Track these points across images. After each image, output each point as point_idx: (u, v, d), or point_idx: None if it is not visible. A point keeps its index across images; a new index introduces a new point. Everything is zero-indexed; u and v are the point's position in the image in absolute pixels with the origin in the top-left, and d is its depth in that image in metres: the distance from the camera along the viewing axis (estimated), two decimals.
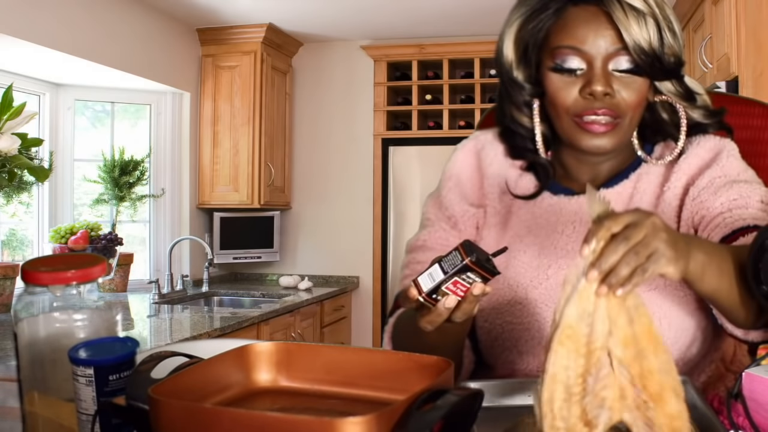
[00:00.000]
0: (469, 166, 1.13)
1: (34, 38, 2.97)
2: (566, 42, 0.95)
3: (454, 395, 0.60)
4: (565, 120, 0.98)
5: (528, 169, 1.09)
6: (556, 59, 0.96)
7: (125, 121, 4.15)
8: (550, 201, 1.06)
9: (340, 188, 4.58)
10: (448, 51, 4.33)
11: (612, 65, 0.94)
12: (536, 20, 0.98)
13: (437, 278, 0.77)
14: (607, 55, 0.93)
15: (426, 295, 0.77)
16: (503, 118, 1.08)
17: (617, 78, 0.94)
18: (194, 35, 4.23)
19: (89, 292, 0.79)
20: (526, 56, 1.01)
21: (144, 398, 0.62)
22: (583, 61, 0.94)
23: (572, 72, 0.95)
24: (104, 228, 3.50)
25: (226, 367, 0.72)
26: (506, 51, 1.03)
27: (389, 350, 0.94)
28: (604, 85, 0.93)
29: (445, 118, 4.33)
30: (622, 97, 0.95)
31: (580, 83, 0.95)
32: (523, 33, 1.01)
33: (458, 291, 0.77)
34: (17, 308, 0.78)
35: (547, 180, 1.07)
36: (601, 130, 0.95)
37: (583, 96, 0.95)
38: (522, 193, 1.08)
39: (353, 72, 4.55)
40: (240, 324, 2.99)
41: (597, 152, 0.99)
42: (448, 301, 0.78)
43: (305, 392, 0.74)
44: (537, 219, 1.06)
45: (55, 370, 0.76)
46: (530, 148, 1.06)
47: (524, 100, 1.03)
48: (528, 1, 1.00)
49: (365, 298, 4.53)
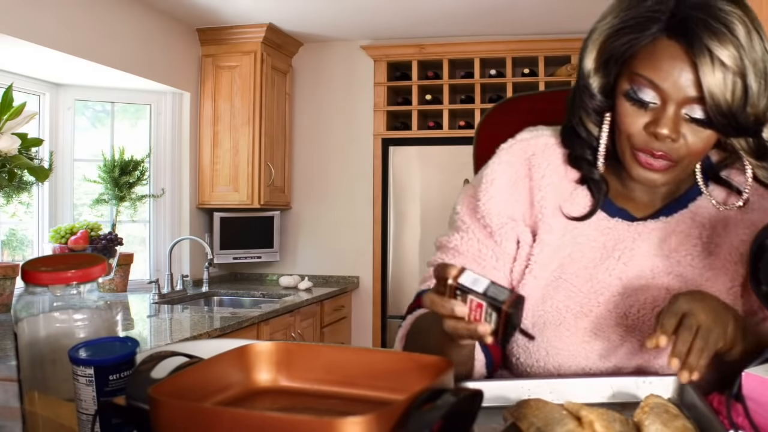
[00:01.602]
0: (515, 173, 1.04)
1: (34, 38, 2.97)
2: (647, 73, 0.90)
3: (453, 395, 0.60)
4: (624, 145, 0.95)
5: (581, 182, 1.04)
6: (633, 85, 0.91)
7: (125, 121, 4.15)
8: (608, 224, 1.03)
9: (340, 188, 4.58)
10: (448, 51, 4.33)
11: (685, 110, 0.89)
12: (627, 38, 0.92)
13: (475, 287, 0.74)
14: (683, 100, 0.88)
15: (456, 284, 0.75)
16: (571, 117, 1.02)
17: (687, 123, 0.90)
18: (194, 35, 4.23)
19: (89, 292, 0.79)
20: (606, 67, 0.96)
21: (144, 398, 0.62)
22: (658, 96, 0.90)
23: (644, 104, 0.91)
24: (104, 228, 3.50)
25: (226, 367, 0.72)
26: (588, 56, 0.97)
27: (389, 350, 0.94)
28: (671, 130, 0.89)
29: (445, 118, 4.32)
30: (687, 142, 0.90)
31: (648, 118, 0.91)
32: (610, 45, 0.94)
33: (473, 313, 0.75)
34: (17, 308, 0.78)
35: (602, 198, 1.02)
36: (654, 167, 0.92)
37: (647, 131, 0.91)
38: (576, 212, 1.03)
39: (353, 72, 4.55)
40: (240, 324, 2.99)
41: (647, 185, 0.96)
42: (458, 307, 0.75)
43: (305, 392, 0.74)
44: (591, 242, 1.02)
45: (55, 370, 0.76)
46: (588, 158, 1.01)
47: (593, 108, 0.98)
48: (623, 14, 0.93)
49: (365, 298, 4.53)
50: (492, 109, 1.35)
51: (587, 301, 1.01)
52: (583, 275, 1.01)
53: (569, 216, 1.02)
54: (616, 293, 1.00)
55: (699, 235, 1.01)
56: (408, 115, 4.46)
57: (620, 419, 0.73)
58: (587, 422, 0.71)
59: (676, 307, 0.85)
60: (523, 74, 4.31)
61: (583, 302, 1.01)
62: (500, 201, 1.03)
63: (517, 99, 1.38)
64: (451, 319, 0.76)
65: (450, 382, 0.65)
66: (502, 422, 0.79)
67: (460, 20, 4.06)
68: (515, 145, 1.06)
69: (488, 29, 4.23)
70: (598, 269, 1.01)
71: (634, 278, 1.01)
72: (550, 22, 4.08)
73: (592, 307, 1.01)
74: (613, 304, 1.00)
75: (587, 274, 1.01)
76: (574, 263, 1.02)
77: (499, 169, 1.04)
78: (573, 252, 1.02)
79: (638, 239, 1.01)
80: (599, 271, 1.01)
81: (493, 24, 4.14)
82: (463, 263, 1.04)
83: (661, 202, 1.03)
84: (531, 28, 4.18)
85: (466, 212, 1.07)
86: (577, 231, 1.03)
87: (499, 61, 4.31)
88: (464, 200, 1.08)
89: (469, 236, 1.06)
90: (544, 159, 1.04)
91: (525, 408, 0.76)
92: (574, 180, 1.04)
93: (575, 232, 1.03)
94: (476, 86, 4.30)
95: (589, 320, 1.01)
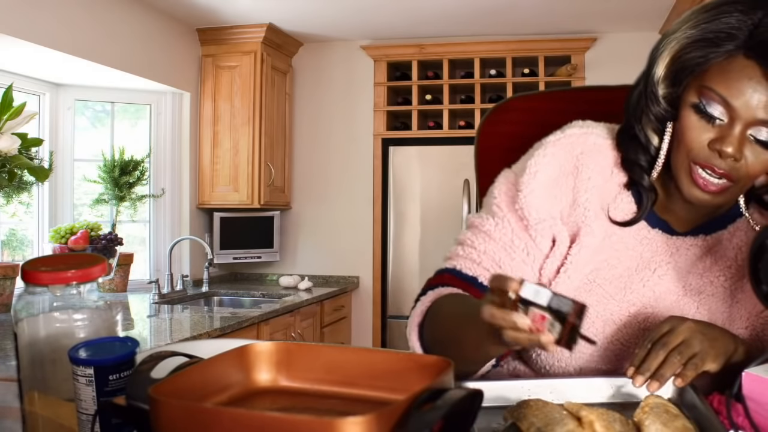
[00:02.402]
0: (560, 168, 1.02)
1: (34, 38, 2.97)
2: (719, 88, 0.88)
3: (453, 395, 0.60)
4: (682, 158, 0.93)
5: (627, 188, 1.02)
6: (702, 98, 0.90)
7: (125, 121, 4.15)
8: (647, 234, 1.01)
9: (340, 188, 4.58)
10: (448, 51, 4.33)
11: (751, 131, 0.88)
12: (703, 51, 0.90)
13: (537, 300, 0.72)
14: (752, 120, 0.87)
15: (517, 297, 0.72)
16: (633, 121, 1.00)
17: (751, 144, 0.88)
18: (194, 35, 4.23)
19: (89, 292, 0.79)
20: (675, 77, 0.94)
21: (144, 398, 0.62)
22: (726, 113, 0.88)
23: (711, 119, 0.89)
24: (104, 228, 3.50)
25: (226, 367, 0.72)
26: (660, 63, 0.95)
27: (389, 350, 0.94)
28: (735, 149, 0.88)
29: (445, 118, 4.32)
30: (747, 163, 0.89)
31: (713, 134, 0.89)
32: (684, 55, 0.92)
33: (536, 324, 0.72)
34: (17, 308, 0.78)
35: (649, 206, 1.00)
36: (709, 188, 0.91)
37: (710, 147, 0.89)
38: (619, 217, 1.01)
39: (353, 72, 4.55)
40: (240, 324, 2.99)
41: (697, 203, 0.94)
42: (521, 320, 0.71)
43: (305, 392, 0.74)
44: (629, 250, 1.01)
45: (55, 370, 0.76)
46: (642, 164, 0.99)
47: (656, 115, 0.97)
48: (704, 26, 0.90)
49: (365, 298, 4.53)
50: (492, 109, 1.35)
51: (618, 309, 1.00)
52: (617, 283, 1.01)
53: (613, 220, 1.01)
54: (648, 305, 1.00)
55: (735, 257, 1.00)
56: (408, 115, 4.46)
57: (620, 419, 0.73)
58: (587, 422, 0.71)
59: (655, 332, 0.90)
60: (523, 74, 4.31)
61: (614, 310, 1.01)
62: (541, 196, 1.01)
63: (518, 99, 1.38)
64: (512, 330, 0.73)
65: (450, 382, 0.65)
66: (502, 422, 0.79)
67: (460, 20, 4.06)
68: (563, 140, 1.03)
69: (488, 29, 4.23)
70: (633, 279, 1.01)
71: (666, 293, 1.01)
72: (550, 22, 4.08)
73: (621, 316, 1.00)
74: (643, 316, 1.00)
75: (622, 282, 1.01)
76: (609, 269, 1.01)
77: (543, 161, 1.02)
78: (609, 258, 1.01)
79: (676, 254, 1.01)
80: (633, 281, 1.01)
81: (493, 24, 4.14)
82: (493, 250, 1.04)
83: (701, 220, 1.02)
84: (531, 28, 4.18)
85: (503, 200, 1.05)
86: (616, 237, 1.02)
87: (499, 61, 4.31)
88: (503, 187, 1.06)
89: (504, 225, 1.04)
90: (593, 160, 1.01)
91: (525, 408, 0.76)
92: (619, 184, 1.02)
93: (614, 237, 1.02)
94: (476, 86, 4.30)
95: (617, 328, 1.00)
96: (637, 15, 3.87)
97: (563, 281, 1.02)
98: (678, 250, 1.01)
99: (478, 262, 1.04)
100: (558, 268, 1.03)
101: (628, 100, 1.01)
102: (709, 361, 0.87)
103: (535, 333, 0.72)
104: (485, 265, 1.04)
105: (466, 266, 1.05)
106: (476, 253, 1.05)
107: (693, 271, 1.01)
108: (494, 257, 1.04)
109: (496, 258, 1.04)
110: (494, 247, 1.04)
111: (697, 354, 0.86)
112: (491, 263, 1.04)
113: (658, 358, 0.86)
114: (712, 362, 0.87)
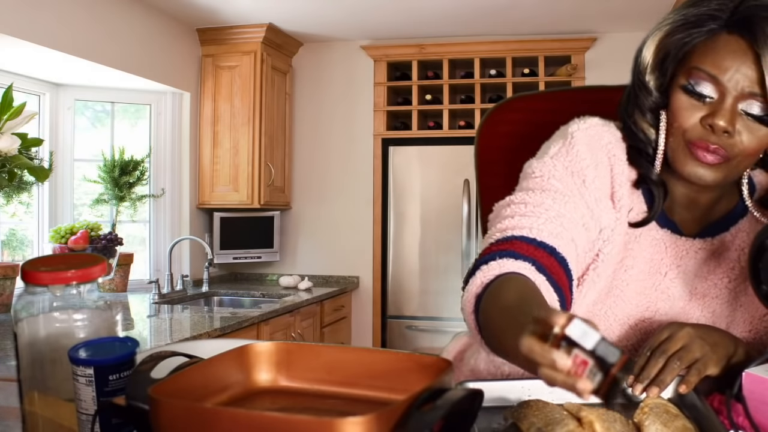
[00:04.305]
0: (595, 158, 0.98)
1: (34, 38, 2.97)
2: (706, 66, 0.89)
3: (453, 395, 0.60)
4: (678, 141, 0.93)
5: (637, 186, 1.00)
6: (690, 79, 0.91)
7: (125, 121, 4.15)
8: (656, 235, 1.01)
9: (340, 188, 4.58)
10: (448, 51, 4.33)
11: (742, 105, 0.88)
12: (685, 33, 0.92)
13: (583, 342, 0.63)
14: (741, 94, 0.88)
15: (562, 334, 0.63)
16: (626, 117, 1.00)
17: (743, 119, 0.89)
18: (194, 35, 4.23)
19: (89, 292, 0.79)
20: (663, 64, 0.95)
21: (144, 398, 0.62)
22: (715, 90, 0.89)
23: (701, 97, 0.90)
24: (104, 228, 3.50)
25: (226, 367, 0.72)
26: (646, 52, 0.96)
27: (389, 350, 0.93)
28: (727, 122, 0.88)
29: (445, 118, 4.32)
30: (741, 139, 0.89)
31: (705, 111, 0.90)
32: (668, 41, 0.94)
33: (576, 368, 0.63)
34: (17, 308, 0.78)
35: (661, 202, 0.98)
36: (707, 159, 0.90)
37: (702, 125, 0.90)
38: (631, 217, 0.99)
39: (353, 72, 4.55)
40: (240, 324, 2.99)
41: (696, 182, 0.94)
42: (561, 360, 0.62)
43: (305, 392, 0.74)
44: (642, 251, 1.00)
45: (55, 370, 0.76)
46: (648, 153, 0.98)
47: (649, 106, 0.97)
48: (685, 11, 0.93)
49: (365, 298, 4.53)
50: (492, 109, 1.35)
51: (634, 313, 1.00)
52: (634, 286, 1.00)
53: (630, 221, 1.00)
54: (661, 310, 1.00)
55: (737, 258, 1.00)
56: (408, 115, 4.46)
57: (620, 419, 0.73)
58: (587, 422, 0.71)
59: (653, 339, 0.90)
60: (523, 74, 4.31)
61: (631, 314, 1.00)
62: (600, 175, 0.98)
63: (517, 99, 1.38)
64: (548, 369, 0.65)
65: (450, 382, 0.65)
66: (503, 422, 0.79)
67: (460, 20, 4.06)
68: (590, 129, 0.99)
69: (488, 29, 4.23)
70: (646, 283, 1.00)
71: (676, 297, 1.01)
72: (550, 22, 4.08)
73: (637, 321, 1.00)
74: (657, 323, 1.00)
75: (638, 286, 1.00)
76: (625, 271, 1.00)
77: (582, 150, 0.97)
78: (625, 259, 1.01)
79: (685, 257, 1.01)
80: (646, 285, 1.00)
81: (493, 24, 4.14)
82: (558, 210, 0.96)
83: (702, 221, 1.02)
84: (531, 28, 4.18)
85: (560, 174, 0.97)
86: (628, 237, 1.01)
87: (499, 61, 4.31)
88: (546, 163, 0.99)
89: (570, 206, 0.96)
90: (621, 151, 0.99)
91: (525, 408, 0.76)
92: (631, 181, 1.01)
93: (626, 237, 1.01)
94: (476, 86, 4.30)
95: (632, 333, 1.01)
96: (638, 15, 3.87)
97: (591, 279, 0.98)
98: (687, 253, 1.01)
99: (550, 229, 0.94)
100: (588, 265, 0.99)
101: (621, 100, 1.02)
102: (712, 366, 0.87)
103: (572, 377, 0.63)
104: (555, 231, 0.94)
105: (538, 230, 0.94)
106: (546, 214, 0.95)
107: (699, 275, 1.01)
108: (563, 221, 0.95)
109: (565, 223, 0.95)
110: (559, 207, 0.96)
111: (699, 359, 0.87)
112: (558, 227, 0.94)
113: (658, 365, 0.86)
114: (714, 367, 0.88)
